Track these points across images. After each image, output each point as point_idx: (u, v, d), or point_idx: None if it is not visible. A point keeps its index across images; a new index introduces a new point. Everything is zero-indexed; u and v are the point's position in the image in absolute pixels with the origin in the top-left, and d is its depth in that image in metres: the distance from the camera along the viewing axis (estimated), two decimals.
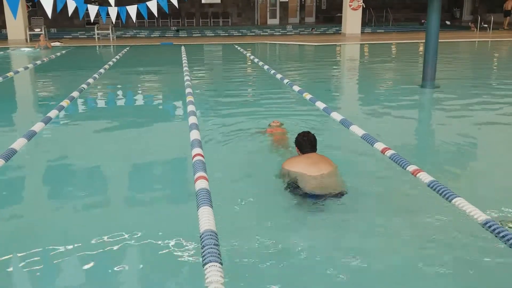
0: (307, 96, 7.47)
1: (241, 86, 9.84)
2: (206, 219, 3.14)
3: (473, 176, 4.36)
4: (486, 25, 22.11)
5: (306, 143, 4.04)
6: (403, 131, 5.88)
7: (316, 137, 4.14)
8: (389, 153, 4.49)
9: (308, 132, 4.15)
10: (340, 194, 3.66)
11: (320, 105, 6.77)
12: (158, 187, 4.25)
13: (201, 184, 3.71)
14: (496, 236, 3.00)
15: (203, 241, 2.87)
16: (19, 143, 4.94)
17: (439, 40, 8.60)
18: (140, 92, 9.20)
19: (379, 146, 4.71)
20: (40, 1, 4.59)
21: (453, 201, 3.47)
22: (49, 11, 4.22)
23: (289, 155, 4.52)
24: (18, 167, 4.61)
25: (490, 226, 3.09)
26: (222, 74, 11.91)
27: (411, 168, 4.08)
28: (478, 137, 5.57)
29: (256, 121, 6.13)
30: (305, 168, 3.82)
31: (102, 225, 3.40)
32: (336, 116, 6.06)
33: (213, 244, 2.82)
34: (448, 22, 25.31)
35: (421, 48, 15.83)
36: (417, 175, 3.95)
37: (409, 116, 6.77)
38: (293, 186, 3.75)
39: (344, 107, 7.20)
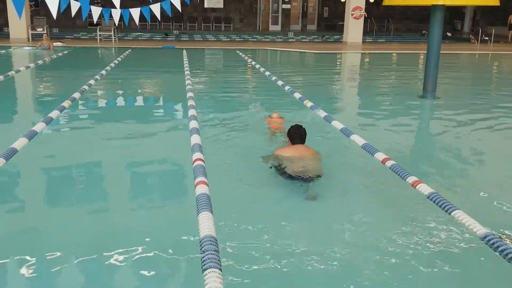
0: (308, 103, 7.49)
1: (242, 91, 9.86)
2: (206, 224, 3.14)
3: (473, 188, 4.37)
4: (487, 38, 22.23)
5: (297, 135, 4.59)
6: (403, 142, 5.90)
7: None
8: (389, 163, 4.50)
9: (300, 126, 4.66)
10: (318, 177, 4.22)
11: (321, 113, 6.78)
12: (158, 191, 4.25)
13: (201, 189, 3.71)
14: (495, 250, 3.00)
15: (202, 247, 2.86)
16: (20, 143, 4.93)
17: (440, 52, 8.63)
18: (141, 95, 9.21)
19: (380, 156, 4.72)
20: (45, 1, 4.61)
21: (453, 213, 3.47)
22: (54, 11, 4.23)
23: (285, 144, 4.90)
24: (19, 166, 4.60)
25: (489, 240, 3.09)
26: (223, 79, 11.93)
27: (411, 179, 4.09)
28: (478, 149, 5.58)
29: (256, 126, 6.15)
30: (292, 156, 4.40)
31: (100, 229, 3.40)
32: (337, 124, 6.07)
33: (213, 250, 2.82)
34: (449, 34, 25.45)
35: (422, 59, 15.90)
36: (417, 187, 3.95)
37: (410, 127, 6.79)
38: (281, 170, 4.29)
39: (344, 116, 7.22)
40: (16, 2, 4.09)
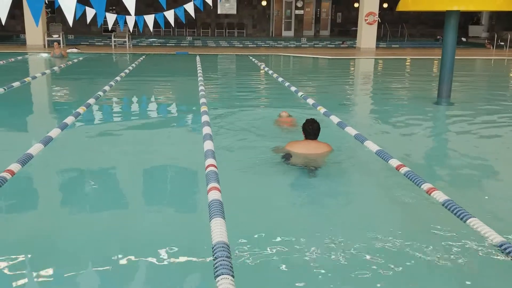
0: (322, 109, 7.47)
1: (256, 97, 9.89)
2: (218, 230, 3.14)
3: (488, 196, 4.31)
4: (502, 43, 22.00)
5: (311, 131, 4.87)
6: (418, 148, 5.84)
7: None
8: (403, 170, 4.47)
9: (314, 121, 4.92)
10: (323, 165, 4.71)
11: (335, 119, 6.76)
12: (170, 197, 4.26)
13: (213, 195, 3.71)
14: (511, 259, 2.96)
15: (215, 253, 2.87)
16: (35, 148, 4.99)
17: (455, 57, 8.55)
18: (155, 101, 9.28)
19: (394, 162, 4.69)
20: (61, 9, 4.69)
21: (468, 221, 3.43)
22: (70, 18, 4.30)
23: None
24: (34, 172, 4.66)
25: (505, 249, 3.05)
26: (236, 84, 11.97)
27: (425, 186, 4.05)
28: (493, 156, 5.51)
29: (269, 131, 6.15)
30: (304, 151, 4.81)
31: (113, 234, 3.42)
32: (351, 130, 6.05)
33: (225, 257, 2.82)
34: (464, 39, 25.24)
35: (436, 64, 15.78)
36: (432, 194, 3.92)
37: (424, 133, 6.73)
38: (291, 162, 4.71)
39: (358, 122, 7.18)
40: (33, 11, 4.15)
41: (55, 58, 16.12)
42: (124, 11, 11.45)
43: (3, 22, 4.19)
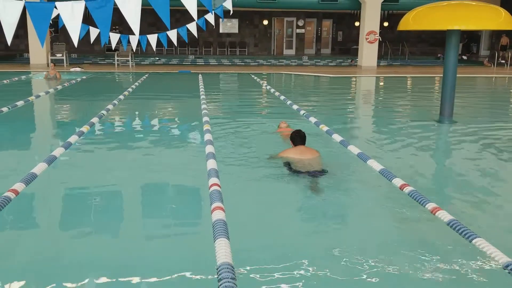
0: (324, 128, 7.49)
1: (258, 115, 9.92)
2: (223, 251, 3.13)
3: (494, 216, 4.29)
4: (503, 61, 22.13)
5: (298, 138, 5.49)
6: (421, 167, 5.82)
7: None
8: (407, 189, 4.45)
9: (300, 130, 5.61)
10: (323, 171, 5.04)
11: (337, 137, 6.77)
12: (174, 217, 4.25)
13: (217, 215, 3.70)
14: None
15: (220, 274, 2.85)
16: (39, 168, 5.00)
17: (456, 75, 8.58)
18: (158, 120, 9.31)
19: (398, 182, 4.68)
20: (65, 28, 4.74)
21: (474, 241, 3.41)
22: (75, 39, 4.36)
23: None
24: (38, 191, 4.66)
25: None
26: (238, 103, 12.02)
27: (430, 206, 4.03)
28: (497, 175, 5.50)
29: (273, 150, 6.15)
30: (295, 155, 5.32)
31: (116, 255, 3.41)
32: (354, 149, 6.05)
33: (230, 278, 2.80)
34: (465, 57, 25.40)
35: (438, 83, 15.85)
36: (436, 214, 3.90)
37: (427, 152, 6.72)
38: (287, 167, 5.13)
39: (360, 140, 7.19)
40: (39, 32, 4.20)
41: (48, 79, 15.31)
42: (127, 30, 11.57)
43: (9, 42, 4.23)
